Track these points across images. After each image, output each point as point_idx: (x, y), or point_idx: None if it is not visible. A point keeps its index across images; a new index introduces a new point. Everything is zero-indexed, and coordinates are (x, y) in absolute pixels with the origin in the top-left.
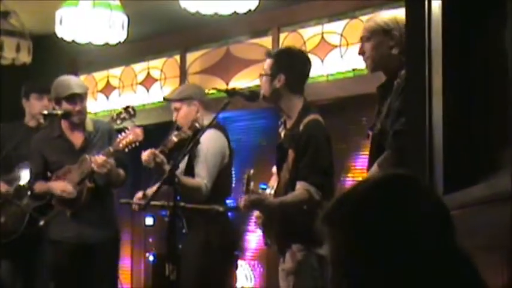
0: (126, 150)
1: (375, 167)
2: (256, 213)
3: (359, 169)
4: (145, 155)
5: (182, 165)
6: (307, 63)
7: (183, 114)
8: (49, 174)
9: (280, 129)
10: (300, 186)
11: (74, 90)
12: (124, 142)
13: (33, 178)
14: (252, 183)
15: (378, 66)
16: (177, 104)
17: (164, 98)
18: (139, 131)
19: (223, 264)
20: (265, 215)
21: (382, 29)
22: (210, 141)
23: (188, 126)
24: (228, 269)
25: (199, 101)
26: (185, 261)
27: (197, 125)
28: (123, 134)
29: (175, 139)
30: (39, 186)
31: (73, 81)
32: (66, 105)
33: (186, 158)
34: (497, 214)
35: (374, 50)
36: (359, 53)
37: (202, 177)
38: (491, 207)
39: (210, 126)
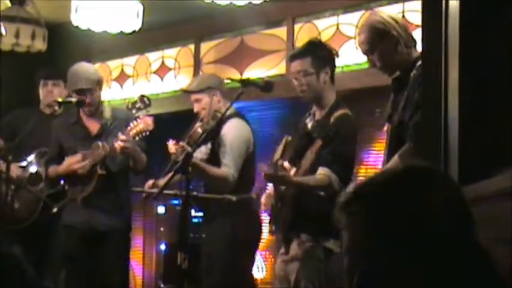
0: (137, 138)
1: (395, 158)
2: (264, 199)
3: (371, 161)
4: (172, 147)
5: (200, 155)
6: (334, 51)
7: (204, 105)
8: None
9: (308, 120)
10: (322, 171)
11: (80, 86)
12: (134, 131)
13: (49, 163)
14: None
15: (394, 68)
16: (197, 96)
17: (184, 91)
18: (149, 120)
19: (247, 256)
20: (278, 200)
21: (378, 35)
22: (235, 131)
23: (211, 117)
24: (251, 260)
25: (219, 90)
26: (209, 252)
27: (219, 114)
28: (134, 122)
29: (200, 130)
30: (52, 170)
31: (81, 75)
32: (76, 97)
33: (209, 146)
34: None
35: (381, 58)
36: (370, 66)
37: (228, 167)
38: (506, 200)
39: (232, 115)
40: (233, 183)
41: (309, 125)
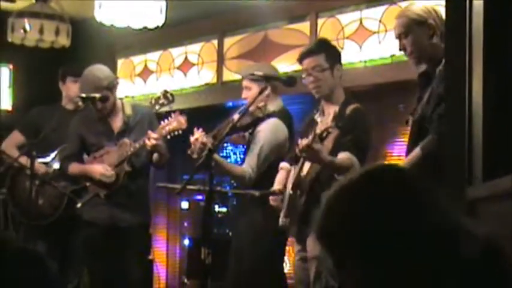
0: (168, 137)
1: (417, 150)
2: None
3: (395, 156)
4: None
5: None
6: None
7: (253, 95)
8: (85, 156)
9: (317, 116)
10: (345, 155)
11: (84, 94)
12: (167, 129)
13: (68, 159)
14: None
15: (422, 58)
16: (248, 83)
17: (239, 74)
18: (183, 119)
19: (276, 250)
20: (296, 187)
21: (416, 21)
22: (270, 133)
23: (254, 109)
24: (280, 254)
25: (271, 84)
26: (238, 247)
27: (260, 114)
28: (166, 120)
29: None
30: (74, 167)
31: (87, 83)
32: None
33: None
34: None
35: (414, 44)
36: (400, 49)
37: (249, 166)
38: None
39: (275, 113)
40: (249, 183)
41: (319, 120)
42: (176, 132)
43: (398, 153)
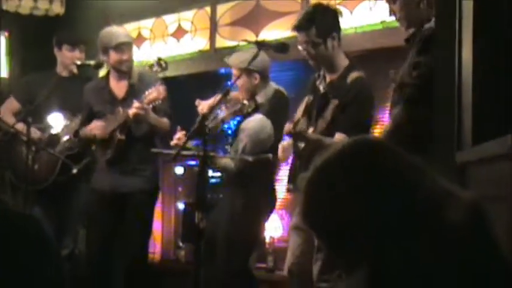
0: (150, 106)
1: (388, 122)
2: (280, 152)
3: (386, 120)
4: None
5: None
6: (337, 11)
7: (240, 84)
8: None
9: (318, 82)
10: (339, 137)
11: (121, 39)
12: (147, 99)
13: (81, 125)
14: None
15: (411, 23)
16: (236, 72)
17: (227, 62)
18: (162, 89)
19: (257, 221)
20: (297, 159)
21: None
22: (254, 132)
23: (247, 98)
24: (263, 224)
25: (259, 73)
26: (224, 214)
27: (252, 104)
28: (148, 91)
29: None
30: (83, 132)
31: (120, 31)
32: (113, 55)
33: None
34: None
35: (403, 9)
36: (390, 14)
37: (234, 160)
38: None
39: (261, 107)
40: (234, 173)
41: (321, 87)
42: (157, 102)
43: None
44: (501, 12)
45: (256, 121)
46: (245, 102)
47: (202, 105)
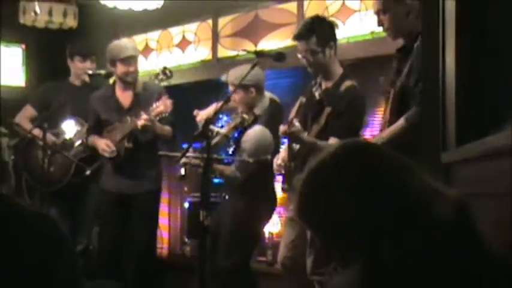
0: (157, 118)
1: (401, 121)
2: (275, 164)
3: (376, 124)
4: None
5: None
6: (334, 24)
7: (238, 99)
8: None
9: (314, 89)
10: (333, 141)
11: (129, 53)
12: (155, 112)
13: (88, 131)
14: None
15: (399, 34)
16: (232, 88)
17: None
18: (168, 102)
19: (263, 221)
20: (291, 159)
21: (394, 0)
22: (254, 142)
23: (246, 111)
24: (264, 224)
25: (255, 87)
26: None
27: (251, 117)
28: (156, 103)
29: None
30: (90, 140)
31: (128, 44)
32: (120, 67)
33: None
34: (506, 164)
35: (392, 22)
36: (378, 25)
37: (238, 170)
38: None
39: (260, 119)
40: (237, 182)
41: (316, 94)
42: (163, 115)
43: (379, 121)
44: (484, 16)
45: (257, 132)
46: (244, 116)
47: (201, 116)
